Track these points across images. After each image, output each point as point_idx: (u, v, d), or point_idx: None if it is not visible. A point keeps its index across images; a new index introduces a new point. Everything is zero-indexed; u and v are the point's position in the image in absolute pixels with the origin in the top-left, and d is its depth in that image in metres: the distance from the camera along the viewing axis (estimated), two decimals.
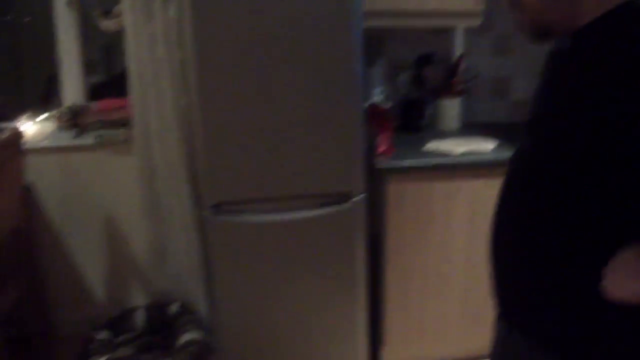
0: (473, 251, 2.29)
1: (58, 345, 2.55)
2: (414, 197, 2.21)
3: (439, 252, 2.29)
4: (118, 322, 2.37)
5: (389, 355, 2.40)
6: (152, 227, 2.46)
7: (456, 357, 2.44)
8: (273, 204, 2.10)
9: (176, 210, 2.41)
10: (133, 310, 2.43)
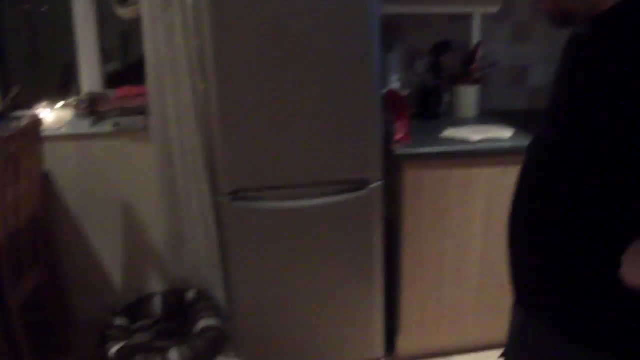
0: (490, 239, 2.28)
1: (76, 330, 2.59)
2: (431, 185, 2.20)
3: (456, 240, 2.29)
4: (135, 309, 2.39)
5: (405, 342, 2.41)
6: (170, 214, 2.47)
7: (472, 345, 2.44)
8: (290, 191, 2.10)
9: (193, 197, 2.42)
10: (150, 296, 2.46)
